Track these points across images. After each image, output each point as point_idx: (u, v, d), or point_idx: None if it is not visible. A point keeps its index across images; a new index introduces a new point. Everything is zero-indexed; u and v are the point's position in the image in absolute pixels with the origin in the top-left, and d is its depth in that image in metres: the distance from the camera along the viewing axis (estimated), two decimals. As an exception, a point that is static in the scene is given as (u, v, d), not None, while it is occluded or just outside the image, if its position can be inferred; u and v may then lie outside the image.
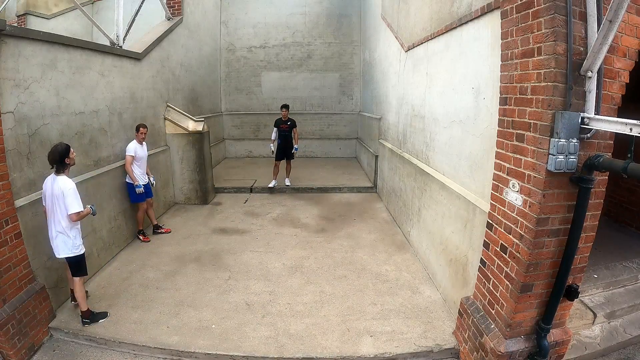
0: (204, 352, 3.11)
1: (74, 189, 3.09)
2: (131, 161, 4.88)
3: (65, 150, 3.10)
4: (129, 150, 4.89)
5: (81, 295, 3.37)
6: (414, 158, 5.11)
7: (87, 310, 3.42)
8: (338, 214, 6.51)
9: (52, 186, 3.08)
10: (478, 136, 3.14)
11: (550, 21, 2.09)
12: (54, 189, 3.06)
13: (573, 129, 2.13)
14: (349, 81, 11.19)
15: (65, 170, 3.14)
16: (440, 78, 4.09)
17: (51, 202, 3.10)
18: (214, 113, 10.38)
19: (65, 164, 3.12)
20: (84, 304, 3.41)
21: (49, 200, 3.11)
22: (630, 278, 3.88)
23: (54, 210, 3.11)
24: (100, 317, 3.47)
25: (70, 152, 3.15)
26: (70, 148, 3.17)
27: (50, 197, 3.10)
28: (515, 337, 2.63)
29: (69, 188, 3.06)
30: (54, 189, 3.06)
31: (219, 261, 4.69)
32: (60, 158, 3.07)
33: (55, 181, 3.08)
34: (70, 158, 3.16)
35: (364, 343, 3.19)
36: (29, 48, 3.35)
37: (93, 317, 3.43)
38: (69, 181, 3.10)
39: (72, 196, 3.07)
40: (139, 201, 5.12)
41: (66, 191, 3.04)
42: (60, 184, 3.06)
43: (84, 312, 3.41)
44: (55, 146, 3.12)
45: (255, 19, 10.82)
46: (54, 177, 3.11)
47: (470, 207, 3.23)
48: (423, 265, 4.57)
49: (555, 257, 2.42)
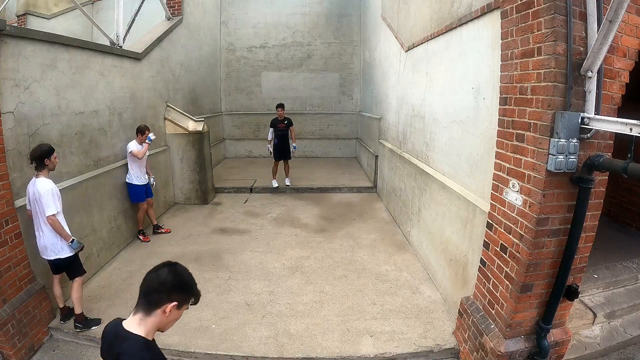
0: (204, 352, 3.12)
1: (51, 190, 3.00)
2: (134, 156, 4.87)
3: (47, 152, 3.05)
4: (132, 147, 4.87)
5: (77, 296, 3.30)
6: (414, 158, 5.11)
7: (81, 314, 3.34)
8: (338, 214, 6.51)
9: (32, 188, 3.02)
10: (478, 136, 3.14)
11: (550, 21, 2.09)
12: (34, 191, 3.01)
13: (573, 129, 2.13)
14: (349, 81, 11.19)
15: (42, 170, 3.05)
16: (440, 78, 4.09)
17: (33, 205, 3.05)
18: (214, 113, 10.37)
19: (44, 164, 3.04)
20: (79, 307, 3.32)
21: (32, 204, 3.06)
22: (630, 278, 3.88)
23: (37, 213, 3.05)
24: (94, 324, 3.37)
25: (52, 155, 3.09)
26: (54, 151, 3.12)
27: (32, 201, 3.05)
28: (515, 337, 2.63)
29: (45, 189, 2.97)
30: (34, 191, 3.00)
31: (219, 261, 4.69)
32: (40, 157, 3.01)
33: (35, 183, 3.02)
34: (51, 161, 3.09)
35: (364, 343, 3.19)
36: (29, 48, 3.35)
37: (86, 323, 3.35)
38: (47, 182, 3.02)
39: (49, 197, 2.98)
40: (140, 201, 5.11)
41: (42, 192, 2.96)
42: (38, 186, 2.99)
43: (78, 316, 3.33)
44: (40, 145, 3.11)
45: (255, 19, 10.82)
46: (34, 180, 3.05)
47: (470, 207, 3.23)
48: (423, 265, 4.57)
49: (555, 257, 2.42)
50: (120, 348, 1.30)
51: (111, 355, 1.34)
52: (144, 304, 1.33)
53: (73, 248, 3.18)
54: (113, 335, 1.36)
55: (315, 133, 11.26)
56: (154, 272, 1.35)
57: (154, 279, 1.33)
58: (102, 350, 1.41)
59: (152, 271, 1.36)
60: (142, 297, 1.34)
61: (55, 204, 3.02)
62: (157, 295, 1.32)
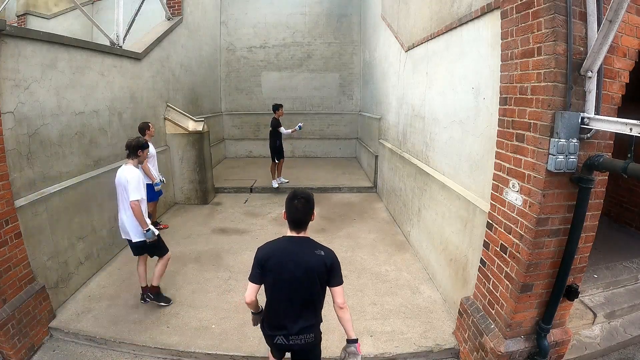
0: (204, 352, 3.11)
1: (138, 177, 3.30)
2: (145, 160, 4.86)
3: (143, 145, 3.42)
4: None
5: (160, 270, 3.61)
6: (414, 158, 5.11)
7: (156, 287, 3.63)
8: (338, 214, 6.51)
9: (122, 173, 3.32)
10: (478, 136, 3.14)
11: (550, 21, 2.09)
12: (121, 176, 3.31)
13: (573, 129, 2.13)
14: (349, 81, 11.19)
15: (134, 159, 3.38)
16: (440, 78, 4.09)
17: (120, 188, 3.34)
18: (214, 113, 10.38)
19: (137, 155, 3.39)
20: (157, 281, 3.62)
21: (118, 187, 3.35)
22: (630, 278, 3.88)
23: (122, 196, 3.34)
24: (164, 301, 3.67)
25: (145, 150, 3.45)
26: (148, 147, 3.52)
27: (118, 184, 3.34)
28: (515, 337, 2.63)
29: (134, 176, 3.27)
30: (121, 177, 3.30)
31: (219, 261, 4.69)
32: (136, 147, 3.36)
33: (124, 169, 3.33)
34: (143, 154, 3.44)
35: (364, 343, 3.18)
36: (29, 48, 3.35)
37: (157, 297, 3.64)
38: (136, 170, 3.34)
39: (136, 184, 3.26)
40: (155, 200, 5.15)
41: (130, 178, 3.25)
42: (127, 172, 3.29)
43: (152, 288, 3.62)
44: (139, 137, 3.54)
45: (255, 19, 10.82)
46: (123, 166, 3.36)
47: (470, 207, 3.23)
48: (423, 265, 4.56)
49: (555, 257, 2.42)
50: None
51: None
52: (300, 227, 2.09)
53: (147, 237, 3.38)
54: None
55: (315, 133, 11.26)
56: (293, 204, 2.04)
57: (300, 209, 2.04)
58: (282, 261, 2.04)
59: (292, 203, 2.05)
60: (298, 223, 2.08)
61: (140, 191, 3.30)
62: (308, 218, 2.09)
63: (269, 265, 2.02)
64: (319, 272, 2.00)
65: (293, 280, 2.00)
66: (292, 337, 2.08)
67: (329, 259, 2.03)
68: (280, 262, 2.02)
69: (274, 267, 2.02)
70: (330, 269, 2.02)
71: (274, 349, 2.26)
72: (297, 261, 2.00)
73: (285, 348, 2.17)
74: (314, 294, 2.06)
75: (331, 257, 2.06)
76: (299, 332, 2.08)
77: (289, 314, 2.07)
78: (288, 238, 2.10)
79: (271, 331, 2.15)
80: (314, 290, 2.05)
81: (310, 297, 2.06)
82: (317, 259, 2.01)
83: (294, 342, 2.10)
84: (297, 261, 2.00)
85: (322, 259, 2.01)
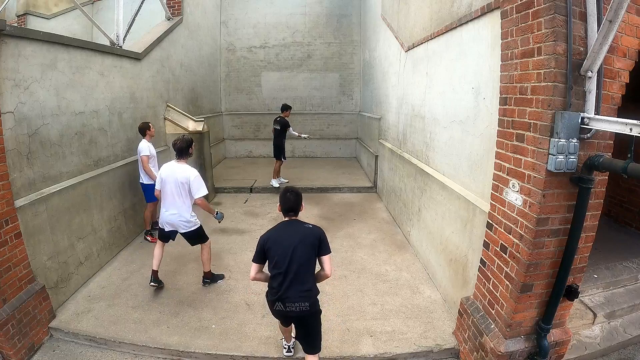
0: (204, 352, 3.12)
1: (199, 175, 3.63)
2: (147, 161, 4.86)
3: (191, 141, 3.73)
4: (144, 150, 4.83)
5: (207, 257, 3.96)
6: (414, 158, 5.11)
7: (209, 272, 4.01)
8: (338, 214, 6.51)
9: (177, 173, 3.58)
10: (478, 136, 3.14)
11: (550, 21, 2.09)
12: (177, 174, 3.57)
13: (573, 129, 2.13)
14: (349, 81, 11.19)
15: (187, 158, 3.69)
16: (440, 78, 4.09)
17: (174, 186, 3.58)
18: (214, 113, 10.38)
19: (190, 153, 3.71)
20: (208, 266, 3.99)
21: (172, 184, 3.58)
22: (630, 278, 3.88)
23: (175, 193, 3.60)
24: (219, 278, 4.10)
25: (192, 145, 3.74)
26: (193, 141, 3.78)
27: (171, 182, 3.58)
28: (515, 337, 2.63)
29: (195, 175, 3.60)
30: (182, 175, 3.57)
31: (219, 261, 4.69)
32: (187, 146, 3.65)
33: (180, 168, 3.59)
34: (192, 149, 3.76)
35: (364, 343, 3.19)
36: (29, 48, 3.35)
37: (213, 278, 4.05)
38: (194, 169, 3.64)
39: (199, 181, 3.61)
40: (155, 200, 5.12)
41: (193, 178, 3.58)
42: (187, 171, 3.59)
43: (206, 273, 4.00)
44: (183, 136, 3.76)
45: (255, 19, 10.82)
46: (177, 165, 3.62)
47: (470, 207, 3.23)
48: (423, 265, 4.57)
49: (555, 257, 2.42)
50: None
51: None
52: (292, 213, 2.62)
53: (218, 218, 4.01)
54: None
55: (315, 133, 11.24)
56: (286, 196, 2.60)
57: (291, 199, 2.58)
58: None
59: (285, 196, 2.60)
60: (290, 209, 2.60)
61: (204, 187, 3.62)
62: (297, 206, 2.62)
63: (269, 244, 2.48)
64: (311, 240, 2.47)
65: (290, 246, 2.42)
66: (288, 304, 2.42)
67: (318, 230, 2.55)
68: (279, 236, 2.51)
69: (274, 242, 2.48)
70: (320, 240, 2.49)
71: (276, 315, 2.63)
72: (292, 233, 2.50)
73: (284, 314, 2.51)
74: (310, 258, 2.47)
75: (319, 230, 2.56)
76: (295, 299, 2.41)
77: (286, 280, 2.41)
78: (283, 222, 2.63)
79: (272, 296, 2.49)
80: (309, 255, 2.45)
81: (306, 261, 2.45)
82: (308, 229, 2.53)
83: (289, 310, 2.43)
84: (292, 233, 2.50)
85: (312, 229, 2.53)
